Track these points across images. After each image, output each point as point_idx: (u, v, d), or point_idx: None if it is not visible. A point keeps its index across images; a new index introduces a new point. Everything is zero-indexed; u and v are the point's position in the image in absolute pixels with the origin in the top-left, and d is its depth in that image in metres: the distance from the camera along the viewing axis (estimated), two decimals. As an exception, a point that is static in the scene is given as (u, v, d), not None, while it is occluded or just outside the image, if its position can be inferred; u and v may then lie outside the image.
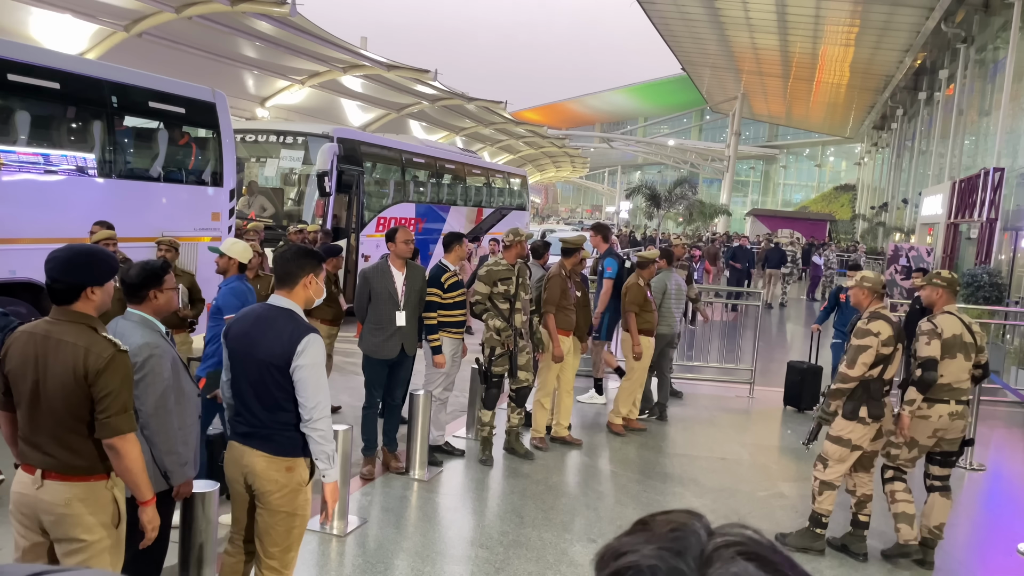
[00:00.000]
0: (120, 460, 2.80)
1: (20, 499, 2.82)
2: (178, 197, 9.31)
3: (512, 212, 22.31)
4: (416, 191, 17.37)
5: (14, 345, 2.83)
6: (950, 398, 5.01)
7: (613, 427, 7.64)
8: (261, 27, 16.99)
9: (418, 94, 25.93)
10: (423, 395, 6.01)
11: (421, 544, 4.90)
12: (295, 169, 13.88)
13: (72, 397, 2.75)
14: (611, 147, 69.28)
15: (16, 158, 7.61)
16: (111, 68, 8.81)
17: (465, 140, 34.48)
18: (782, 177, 74.38)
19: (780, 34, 32.17)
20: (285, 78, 21.69)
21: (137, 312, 3.30)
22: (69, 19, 14.69)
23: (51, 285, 2.80)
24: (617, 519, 5.49)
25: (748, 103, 51.85)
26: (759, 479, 6.65)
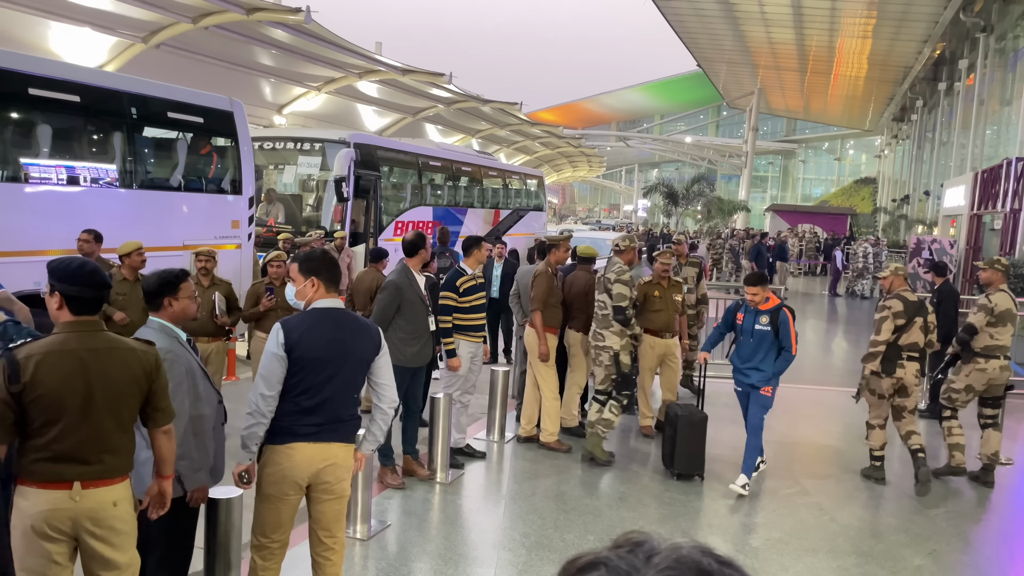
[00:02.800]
0: (169, 443, 3.07)
1: (54, 515, 2.82)
2: (198, 206, 9.41)
3: (529, 213, 22.32)
4: (433, 194, 17.42)
5: (42, 370, 2.78)
6: (1000, 355, 6.61)
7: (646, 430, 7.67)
8: (277, 35, 17.11)
9: (433, 97, 25.98)
10: (443, 398, 6.03)
11: (443, 547, 4.91)
12: (313, 175, 13.99)
13: (134, 396, 2.92)
14: (628, 145, 69.06)
15: (39, 171, 7.73)
16: (130, 80, 8.93)
17: (481, 142, 34.52)
18: (801, 172, 73.78)
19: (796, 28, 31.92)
20: (301, 85, 21.82)
21: (156, 319, 3.42)
22: (88, 32, 14.88)
23: (79, 294, 2.88)
24: (640, 519, 5.48)
25: (765, 98, 51.48)
26: (782, 477, 6.60)
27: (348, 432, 3.56)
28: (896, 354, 6.30)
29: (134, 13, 14.61)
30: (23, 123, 7.76)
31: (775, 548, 5.11)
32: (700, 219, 44.22)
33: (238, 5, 14.95)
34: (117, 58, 15.87)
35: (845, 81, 40.57)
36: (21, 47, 12.37)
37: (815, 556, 5.01)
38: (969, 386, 6.69)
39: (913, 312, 6.32)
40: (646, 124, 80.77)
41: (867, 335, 8.73)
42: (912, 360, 6.32)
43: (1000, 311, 6.59)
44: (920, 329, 6.32)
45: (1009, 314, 6.64)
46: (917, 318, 6.31)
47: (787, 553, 5.04)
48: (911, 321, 6.29)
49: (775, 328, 5.93)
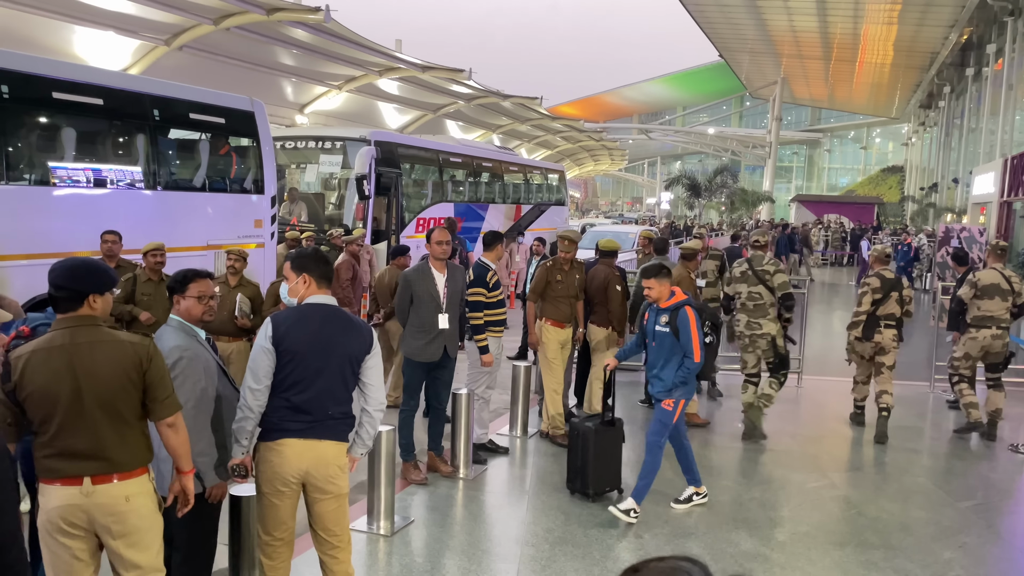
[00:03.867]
0: (176, 435, 3.02)
1: (68, 511, 2.87)
2: (222, 205, 9.50)
3: (551, 208, 22.28)
4: (454, 190, 17.44)
5: (29, 367, 2.83)
6: (992, 324, 7.55)
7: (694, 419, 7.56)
8: (297, 35, 17.20)
9: (453, 94, 26.00)
10: (466, 394, 6.04)
11: (467, 543, 4.92)
12: (334, 174, 14.06)
13: (125, 389, 2.89)
14: (649, 138, 68.63)
15: (65, 174, 7.84)
16: (153, 82, 9.03)
17: (502, 138, 34.48)
18: (827, 161, 72.91)
19: (819, 15, 31.52)
20: (322, 84, 21.93)
21: (175, 317, 3.47)
22: (112, 36, 15.06)
23: (55, 293, 2.92)
24: (664, 513, 5.44)
25: (789, 87, 50.93)
26: (809, 470, 6.53)
27: (340, 430, 3.51)
28: (875, 322, 7.42)
29: (157, 16, 14.76)
30: (49, 127, 7.87)
31: (802, 542, 5.06)
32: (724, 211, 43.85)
33: (258, 6, 15.05)
34: (140, 61, 16.05)
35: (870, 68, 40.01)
36: (46, 52, 12.54)
37: (843, 550, 4.95)
38: (967, 354, 7.69)
39: (889, 288, 7.41)
40: (668, 116, 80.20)
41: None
42: (889, 327, 7.42)
43: (983, 285, 7.60)
44: (896, 302, 7.39)
45: (996, 288, 7.56)
46: (893, 292, 7.40)
47: (814, 547, 4.98)
48: (887, 295, 7.38)
49: (674, 330, 5.17)
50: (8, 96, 7.17)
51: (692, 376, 5.23)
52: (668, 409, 5.26)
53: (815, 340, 11.66)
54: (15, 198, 7.11)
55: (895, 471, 6.56)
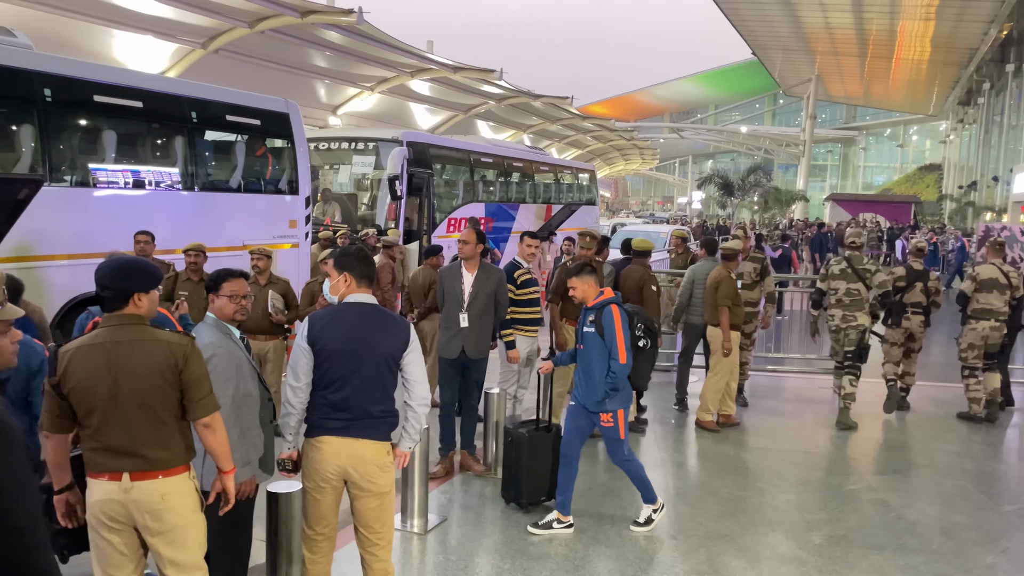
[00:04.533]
0: (214, 435, 3.04)
1: (108, 506, 2.93)
2: (257, 206, 9.62)
3: (582, 207, 22.23)
4: (485, 190, 17.48)
5: (73, 363, 2.90)
6: (990, 317, 8.05)
7: (704, 424, 7.48)
8: (330, 37, 17.37)
9: (484, 94, 26.06)
10: (497, 393, 6.05)
11: (500, 542, 4.92)
12: (367, 174, 14.17)
13: (161, 389, 2.90)
14: (681, 137, 68.21)
15: (106, 175, 8.00)
16: (190, 85, 9.17)
17: (532, 137, 34.48)
18: (862, 159, 71.85)
19: (855, 11, 31.08)
20: (355, 85, 22.11)
21: (211, 315, 3.55)
22: (150, 40, 15.34)
23: (101, 292, 2.98)
24: (699, 515, 5.40)
25: (823, 85, 50.28)
26: (847, 473, 6.44)
27: (380, 429, 3.52)
28: (902, 309, 8.16)
29: (194, 20, 15.00)
30: (90, 129, 8.03)
31: (839, 545, 4.99)
32: (756, 210, 43.41)
33: (292, 8, 15.23)
34: (178, 64, 16.33)
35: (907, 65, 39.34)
36: (87, 56, 12.81)
37: (881, 554, 4.88)
38: (971, 344, 8.14)
39: (915, 277, 8.19)
40: (700, 115, 79.61)
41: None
42: (916, 314, 8.19)
43: (983, 279, 8.09)
44: (921, 291, 8.15)
45: (994, 282, 8.06)
46: (918, 282, 8.15)
47: (852, 551, 4.92)
48: (912, 284, 8.15)
49: (599, 329, 4.85)
50: (51, 99, 7.34)
51: (621, 380, 4.84)
52: (609, 425, 4.94)
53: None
54: (58, 199, 7.26)
55: (935, 474, 6.45)
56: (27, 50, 7.28)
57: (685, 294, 7.94)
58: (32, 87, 7.19)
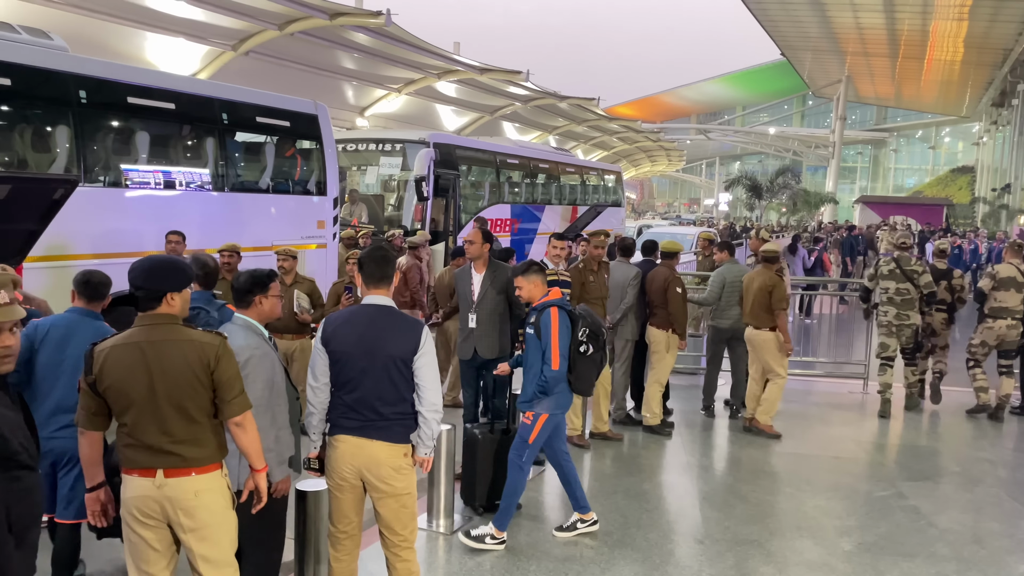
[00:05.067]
0: (246, 434, 3.06)
1: (142, 502, 2.97)
2: (286, 207, 9.71)
3: (607, 209, 22.16)
4: (511, 192, 17.49)
5: (108, 361, 2.94)
6: (1007, 315, 8.19)
7: (765, 428, 7.39)
8: (358, 39, 17.48)
9: (511, 95, 26.08)
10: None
11: (526, 543, 4.92)
12: (394, 175, 14.25)
13: (194, 388, 2.93)
14: (708, 138, 67.77)
15: (138, 176, 8.12)
16: (221, 87, 9.28)
17: (558, 139, 34.45)
18: (893, 161, 70.89)
19: (886, 12, 30.69)
20: (382, 87, 22.23)
21: (242, 316, 3.53)
22: (182, 42, 15.54)
23: (134, 292, 3.03)
24: (725, 519, 5.36)
25: (853, 86, 49.70)
26: (877, 479, 6.35)
27: (395, 431, 3.51)
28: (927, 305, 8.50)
29: (225, 22, 15.18)
30: (123, 130, 8.15)
31: (869, 552, 4.93)
32: (784, 212, 43.00)
33: (322, 11, 15.35)
34: (209, 66, 16.53)
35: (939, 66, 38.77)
36: (120, 58, 13.01)
37: (912, 561, 4.81)
38: (983, 342, 8.34)
39: (939, 276, 8.53)
40: (727, 116, 79.04)
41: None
42: (939, 311, 8.55)
43: (1001, 277, 8.25)
44: (946, 289, 8.52)
45: (1012, 281, 8.20)
46: (942, 281, 8.52)
47: (882, 558, 4.85)
48: (936, 282, 8.38)
49: (537, 331, 4.73)
50: (86, 101, 7.46)
51: (551, 386, 4.68)
52: (526, 424, 4.78)
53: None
54: (92, 199, 7.38)
55: (967, 481, 6.34)
56: (63, 52, 7.41)
57: (714, 295, 7.87)
58: (67, 89, 7.32)
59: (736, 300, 7.78)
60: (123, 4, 13.54)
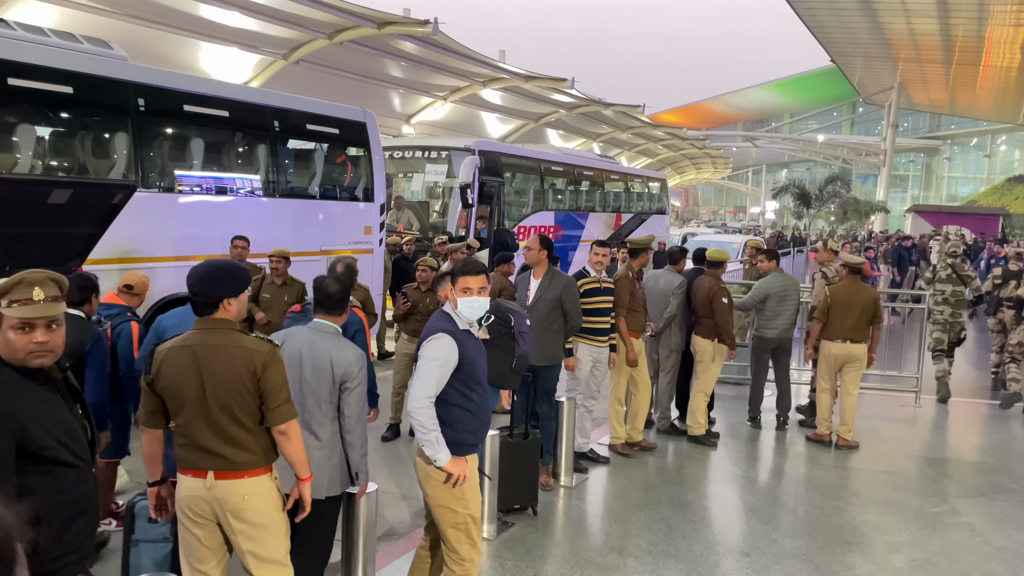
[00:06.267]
0: (290, 443, 3.08)
1: (193, 502, 3.05)
2: (334, 213, 9.84)
3: (652, 216, 22.02)
4: (555, 199, 17.49)
5: (166, 361, 3.02)
6: None
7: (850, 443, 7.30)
8: (406, 47, 17.66)
9: (555, 103, 26.07)
10: (567, 402, 6.04)
11: (569, 551, 4.91)
12: (439, 182, 14.35)
13: (241, 394, 2.98)
14: (755, 146, 66.85)
15: (192, 182, 8.32)
16: (272, 95, 9.46)
17: (602, 146, 34.32)
18: (946, 170, 69.15)
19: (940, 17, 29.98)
20: (428, 95, 22.41)
21: (332, 324, 3.64)
22: (235, 51, 15.88)
23: (192, 298, 3.09)
24: (772, 532, 5.28)
25: (905, 92, 48.59)
26: (928, 494, 6.19)
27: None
28: (999, 303, 9.70)
29: (276, 32, 15.47)
30: (178, 137, 8.36)
31: (921, 569, 4.81)
32: (833, 220, 42.21)
33: (370, 20, 15.55)
34: (260, 74, 16.85)
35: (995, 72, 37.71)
36: (175, 66, 13.34)
37: None
38: (1020, 342, 9.06)
39: (1009, 276, 9.65)
40: (775, 123, 77.92)
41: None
42: (1010, 308, 9.47)
43: None
44: (1014, 288, 9.41)
45: None
46: (1012, 280, 9.54)
47: (935, 575, 4.73)
48: (1007, 282, 9.59)
49: None
50: (143, 108, 7.67)
51: None
52: None
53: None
54: (148, 204, 7.57)
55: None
56: (122, 61, 7.63)
57: (752, 302, 7.77)
58: (126, 97, 7.53)
59: (783, 310, 7.67)
60: (179, 14, 13.89)
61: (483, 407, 3.59)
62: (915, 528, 5.49)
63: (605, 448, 6.90)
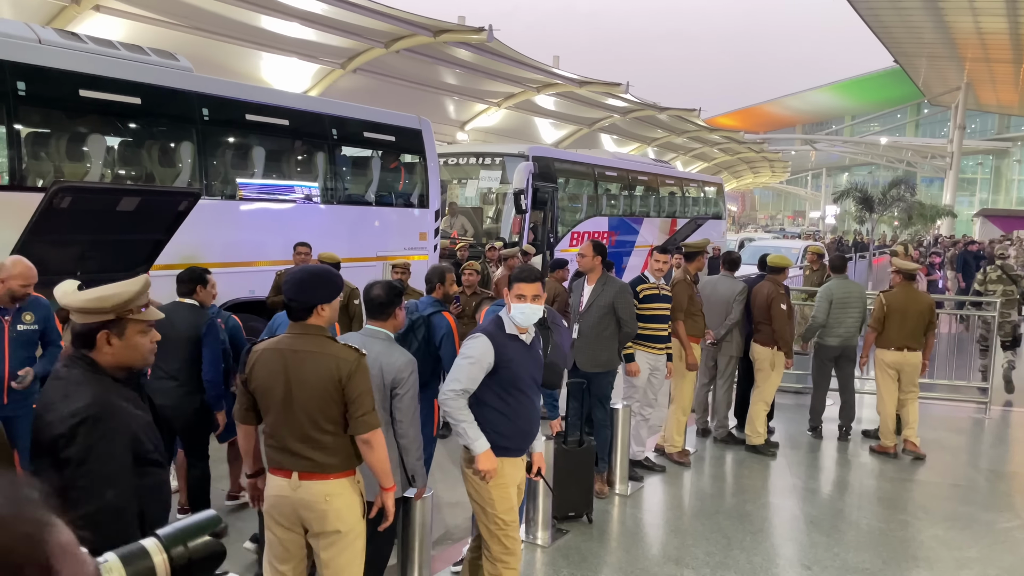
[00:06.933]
0: (373, 452, 3.09)
1: (279, 501, 3.10)
2: (390, 219, 9.97)
3: (708, 221, 21.71)
4: (608, 204, 17.39)
5: (259, 362, 3.10)
6: None
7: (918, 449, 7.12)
8: (460, 54, 17.82)
9: (609, 108, 26.00)
10: (623, 409, 5.99)
11: (625, 560, 4.86)
12: (493, 188, 14.41)
13: (325, 401, 3.01)
14: (814, 149, 65.48)
15: (254, 190, 8.51)
16: (330, 103, 9.64)
17: (657, 150, 34.06)
18: (1016, 172, 66.66)
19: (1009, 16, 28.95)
20: (482, 101, 22.58)
21: (382, 330, 3.66)
22: (295, 61, 16.26)
23: (288, 304, 3.14)
24: (835, 545, 5.14)
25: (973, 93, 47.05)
26: (1000, 508, 5.95)
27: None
28: None
29: (334, 42, 15.79)
30: (240, 146, 8.57)
31: (993, 588, 4.63)
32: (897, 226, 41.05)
33: (426, 28, 15.75)
34: (319, 83, 17.20)
35: (1070, 70, 36.23)
36: (237, 77, 13.70)
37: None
38: None
39: None
40: (835, 126, 76.25)
41: None
42: None
43: None
44: None
45: None
46: None
47: (1008, 595, 4.54)
48: None
49: None
50: (208, 118, 7.89)
51: None
52: None
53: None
54: (211, 211, 7.77)
55: (1105, 517, 5.87)
56: (188, 72, 7.86)
57: (823, 314, 7.58)
58: (192, 107, 7.76)
59: (845, 317, 7.48)
60: (242, 26, 14.28)
61: (521, 413, 3.59)
62: (985, 544, 5.28)
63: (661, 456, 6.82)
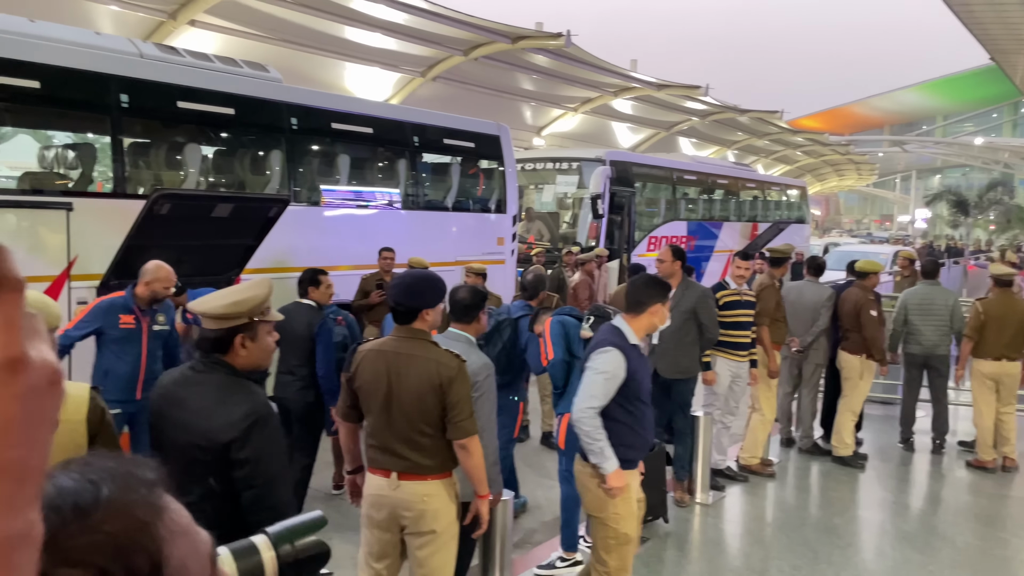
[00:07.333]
0: (470, 458, 3.12)
1: (377, 500, 3.18)
2: (468, 224, 10.08)
3: (791, 226, 21.16)
4: (687, 208, 17.16)
5: (363, 362, 3.18)
6: None
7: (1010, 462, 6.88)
8: (538, 60, 17.88)
9: (688, 111, 25.63)
10: (703, 417, 5.90)
11: (707, 570, 4.79)
12: (569, 193, 14.40)
13: (425, 404, 3.06)
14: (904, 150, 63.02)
15: (338, 196, 8.74)
16: (412, 111, 9.83)
17: (737, 154, 33.34)
18: (1123, 173, 62.62)
19: (1119, 6, 27.24)
20: (559, 107, 22.57)
21: (463, 333, 3.69)
22: (377, 71, 16.61)
23: (395, 308, 3.22)
24: (929, 563, 4.94)
25: (1077, 90, 44.41)
26: (1111, 532, 5.61)
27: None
28: None
29: (415, 51, 16.07)
30: (326, 154, 8.82)
31: (1104, 614, 4.36)
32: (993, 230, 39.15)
33: (505, 35, 15.86)
34: (400, 92, 17.54)
35: None
36: (322, 86, 14.10)
37: None
38: None
39: None
40: (925, 126, 73.25)
41: None
42: None
43: None
44: None
45: None
46: None
47: (1121, 622, 4.27)
48: None
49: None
50: (296, 127, 8.15)
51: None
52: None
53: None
54: (299, 217, 8.01)
55: None
56: (278, 83, 8.13)
57: (899, 321, 7.32)
58: (281, 116, 8.02)
59: (925, 325, 7.20)
60: (327, 37, 14.68)
61: (645, 424, 3.61)
62: (1096, 568, 4.99)
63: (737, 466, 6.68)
